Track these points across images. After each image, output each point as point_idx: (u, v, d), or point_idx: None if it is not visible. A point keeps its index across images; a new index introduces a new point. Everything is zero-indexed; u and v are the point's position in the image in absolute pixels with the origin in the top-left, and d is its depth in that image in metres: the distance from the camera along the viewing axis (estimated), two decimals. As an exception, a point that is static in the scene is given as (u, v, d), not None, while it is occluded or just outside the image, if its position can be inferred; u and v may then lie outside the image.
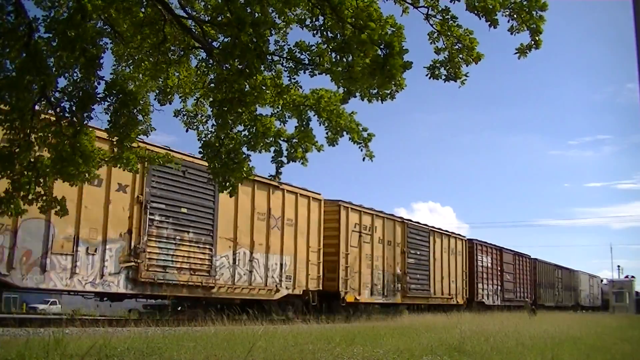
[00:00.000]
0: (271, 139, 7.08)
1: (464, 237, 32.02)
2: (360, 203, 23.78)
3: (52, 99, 6.73)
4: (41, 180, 6.95)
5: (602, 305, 58.90)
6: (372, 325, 15.54)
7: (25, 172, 6.80)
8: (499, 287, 35.45)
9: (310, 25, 6.05)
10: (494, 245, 35.67)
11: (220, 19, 6.37)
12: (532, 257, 41.95)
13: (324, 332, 11.53)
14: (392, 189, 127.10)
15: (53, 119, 6.85)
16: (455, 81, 6.14)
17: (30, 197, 6.95)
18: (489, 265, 34.20)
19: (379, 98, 6.10)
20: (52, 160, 6.74)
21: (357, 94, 6.21)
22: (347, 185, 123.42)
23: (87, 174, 6.95)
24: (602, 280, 65.99)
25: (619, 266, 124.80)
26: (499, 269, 35.56)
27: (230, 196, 7.37)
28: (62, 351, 6.84)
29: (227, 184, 6.92)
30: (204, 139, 7.37)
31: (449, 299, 28.84)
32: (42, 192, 7.13)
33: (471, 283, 31.68)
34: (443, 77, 6.18)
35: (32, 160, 6.87)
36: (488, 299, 33.41)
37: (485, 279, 33.32)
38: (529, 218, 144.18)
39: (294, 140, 7.18)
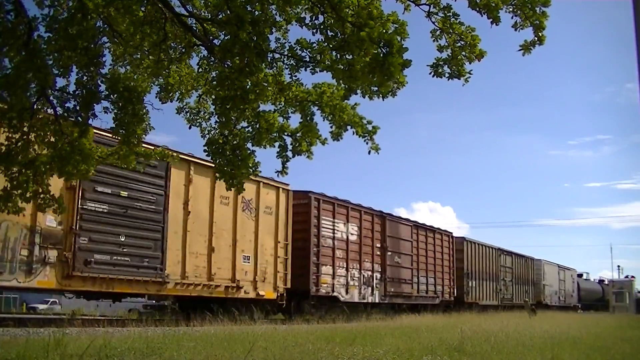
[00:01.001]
0: (275, 134, 7.07)
1: (286, 185, 18.33)
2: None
3: (52, 98, 6.74)
4: (39, 178, 6.96)
5: (582, 305, 51.07)
6: (372, 325, 15.51)
7: (24, 170, 6.81)
8: (376, 275, 22.44)
9: (310, 23, 6.05)
10: (366, 207, 22.32)
11: (220, 16, 6.37)
12: (455, 235, 30.54)
13: (324, 332, 11.53)
14: (392, 189, 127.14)
15: (52, 117, 6.85)
16: (459, 79, 6.10)
17: (27, 195, 6.97)
18: (353, 237, 21.22)
19: (380, 95, 6.09)
20: (50, 158, 6.74)
21: (358, 91, 6.20)
22: (347, 185, 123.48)
23: (85, 172, 6.95)
24: (581, 275, 57.28)
25: (619, 266, 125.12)
26: (377, 245, 22.78)
27: (239, 193, 7.36)
28: (62, 351, 6.82)
29: (234, 180, 6.93)
30: (207, 135, 7.36)
31: (232, 290, 16.02)
32: (40, 190, 7.14)
33: (302, 265, 18.64)
34: (446, 75, 6.13)
35: (30, 158, 6.88)
36: (347, 292, 20.58)
37: (339, 259, 20.25)
38: (529, 218, 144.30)
39: (298, 135, 7.16)
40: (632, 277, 53.20)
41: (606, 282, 61.90)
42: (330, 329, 13.02)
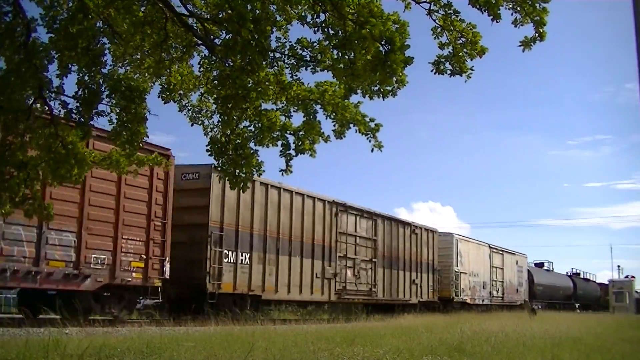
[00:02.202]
0: (277, 132, 7.07)
1: None
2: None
3: (50, 100, 6.72)
4: (29, 182, 6.93)
5: (549, 305, 39.80)
6: (372, 325, 15.50)
7: (16, 173, 6.79)
8: None
9: (311, 22, 6.06)
10: None
11: (221, 15, 6.37)
12: (195, 163, 16.40)
13: (324, 332, 11.52)
14: (392, 189, 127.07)
15: (47, 120, 6.83)
16: (461, 75, 6.14)
17: (17, 199, 6.94)
18: None
19: (381, 95, 6.10)
20: (45, 161, 6.72)
21: (359, 91, 6.20)
22: (347, 185, 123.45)
23: (78, 177, 6.94)
24: (542, 265, 46.86)
25: (619, 266, 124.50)
26: None
27: (243, 191, 7.36)
28: (61, 351, 6.82)
29: (237, 179, 6.93)
30: (209, 133, 7.38)
31: None
32: (30, 195, 7.12)
33: None
34: (448, 72, 6.16)
35: (23, 161, 6.86)
36: None
37: None
38: (529, 218, 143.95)
39: (301, 133, 7.16)
40: (632, 277, 53.02)
41: (583, 277, 55.71)
42: (330, 328, 13.01)
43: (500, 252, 35.35)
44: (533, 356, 8.97)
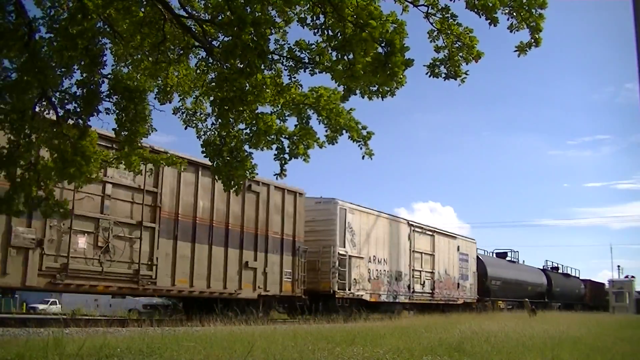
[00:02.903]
0: (273, 136, 7.13)
1: None
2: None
3: (54, 100, 6.75)
4: (42, 183, 6.96)
5: (516, 304, 30.82)
6: (372, 325, 15.50)
7: (26, 174, 6.82)
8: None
9: (311, 24, 6.07)
10: None
11: (220, 18, 6.38)
12: None
13: (324, 332, 11.52)
14: (392, 189, 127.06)
15: (54, 119, 6.87)
16: (455, 79, 6.19)
17: (31, 200, 6.97)
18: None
19: (379, 95, 6.12)
20: (53, 161, 6.76)
21: (357, 92, 6.23)
22: (347, 185, 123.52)
23: (88, 175, 6.97)
24: (504, 256, 38.39)
25: (619, 266, 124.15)
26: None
27: (237, 194, 7.46)
28: (61, 351, 6.83)
29: (232, 182, 6.96)
30: (203, 136, 7.42)
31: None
32: (44, 196, 7.14)
33: None
34: (443, 75, 6.22)
35: (32, 161, 6.89)
36: None
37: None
38: (529, 218, 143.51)
39: (295, 138, 7.22)
40: (632, 277, 52.84)
41: (561, 271, 49.32)
42: (330, 328, 13.01)
43: (430, 232, 26.31)
44: (533, 356, 8.96)
